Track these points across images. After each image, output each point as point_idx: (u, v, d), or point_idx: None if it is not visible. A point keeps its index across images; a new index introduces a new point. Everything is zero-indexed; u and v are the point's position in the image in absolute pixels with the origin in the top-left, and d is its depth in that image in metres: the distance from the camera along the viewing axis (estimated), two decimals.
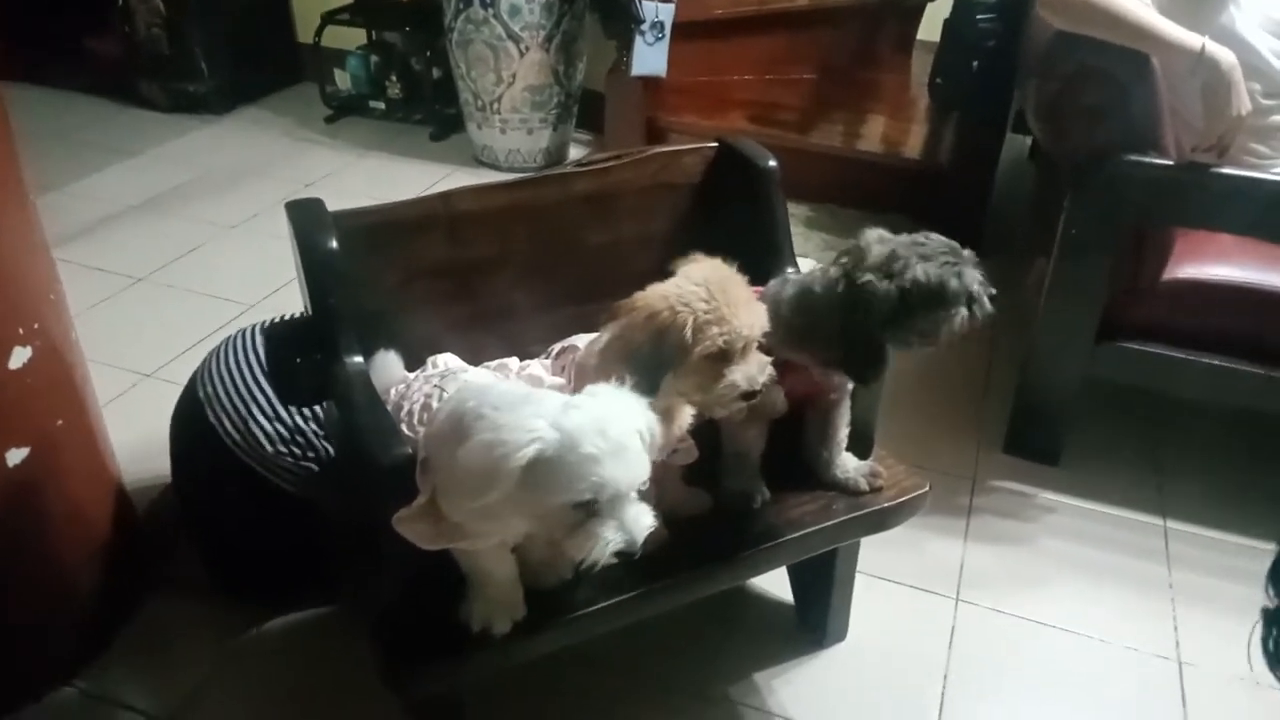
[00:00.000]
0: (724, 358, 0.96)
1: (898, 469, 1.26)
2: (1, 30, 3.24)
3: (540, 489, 0.82)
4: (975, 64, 2.36)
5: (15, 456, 1.22)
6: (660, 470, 1.11)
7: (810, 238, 2.59)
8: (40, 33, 3.43)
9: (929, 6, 3.19)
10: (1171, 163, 1.54)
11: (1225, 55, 1.46)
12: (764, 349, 1.00)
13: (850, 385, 1.18)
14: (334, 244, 1.10)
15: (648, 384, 0.94)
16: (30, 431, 1.24)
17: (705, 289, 0.95)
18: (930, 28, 3.11)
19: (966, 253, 1.05)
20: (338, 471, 1.26)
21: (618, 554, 0.85)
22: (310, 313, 1.12)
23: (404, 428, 1.05)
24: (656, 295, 0.97)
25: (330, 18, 3.30)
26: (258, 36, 3.53)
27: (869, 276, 1.02)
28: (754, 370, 0.97)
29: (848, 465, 1.24)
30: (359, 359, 1.09)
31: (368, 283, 1.16)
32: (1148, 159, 1.54)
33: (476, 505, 0.84)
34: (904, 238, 1.05)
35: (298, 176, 2.97)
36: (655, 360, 0.94)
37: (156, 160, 3.09)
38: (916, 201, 2.57)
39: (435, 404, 1.05)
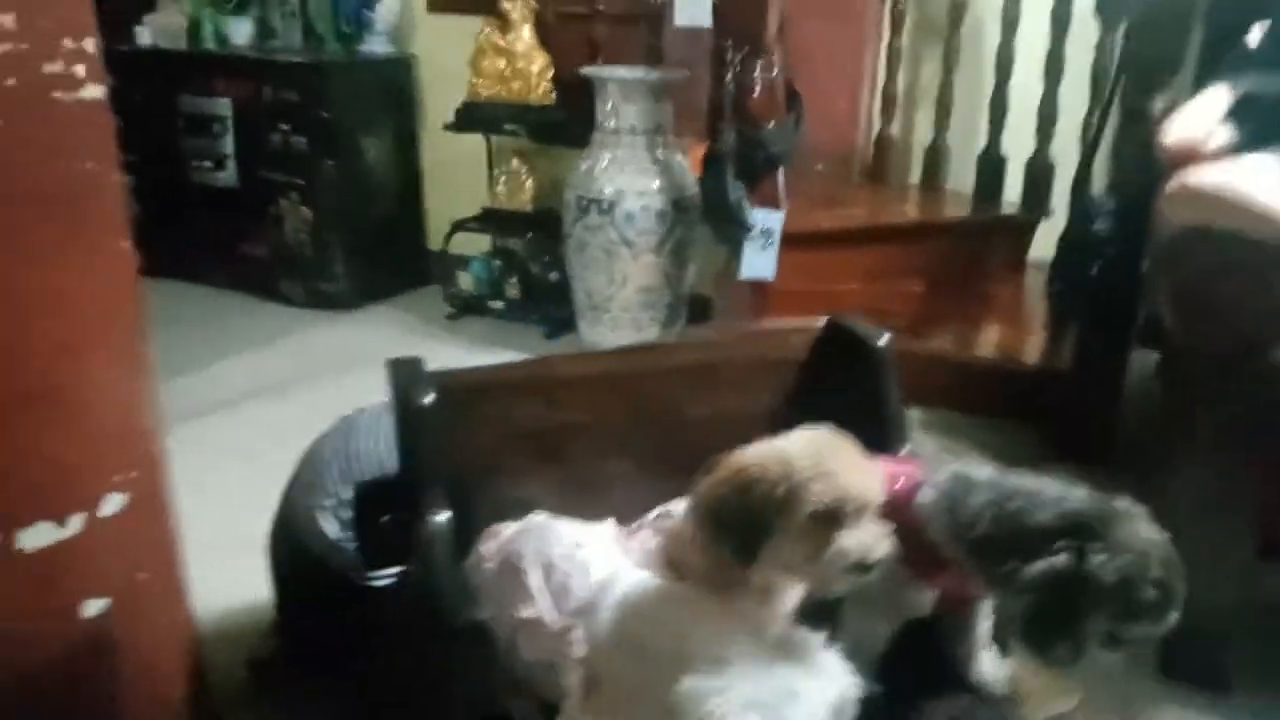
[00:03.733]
0: (833, 520, 0.86)
1: (1041, 676, 1.10)
2: (168, 235, 3.60)
3: None
4: (1095, 268, 2.29)
5: (93, 607, 1.20)
6: None
7: (924, 442, 2.47)
8: (202, 238, 3.80)
9: (1042, 225, 3.19)
10: None
11: None
12: (923, 544, 0.91)
13: None
14: (428, 400, 1.08)
15: (737, 550, 0.86)
16: (112, 582, 1.22)
17: (811, 446, 0.89)
18: (1043, 246, 3.09)
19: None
20: (403, 624, 1.18)
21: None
22: (400, 467, 1.09)
23: (530, 588, 1.00)
24: (750, 452, 0.91)
25: (460, 226, 3.53)
26: (392, 242, 3.81)
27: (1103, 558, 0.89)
28: (869, 538, 0.87)
29: (990, 665, 1.09)
30: (443, 516, 1.04)
31: (462, 441, 1.13)
32: None
33: None
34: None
35: None
36: (743, 520, 0.86)
37: (285, 351, 3.27)
38: (1037, 409, 2.44)
39: (573, 582, 0.98)
